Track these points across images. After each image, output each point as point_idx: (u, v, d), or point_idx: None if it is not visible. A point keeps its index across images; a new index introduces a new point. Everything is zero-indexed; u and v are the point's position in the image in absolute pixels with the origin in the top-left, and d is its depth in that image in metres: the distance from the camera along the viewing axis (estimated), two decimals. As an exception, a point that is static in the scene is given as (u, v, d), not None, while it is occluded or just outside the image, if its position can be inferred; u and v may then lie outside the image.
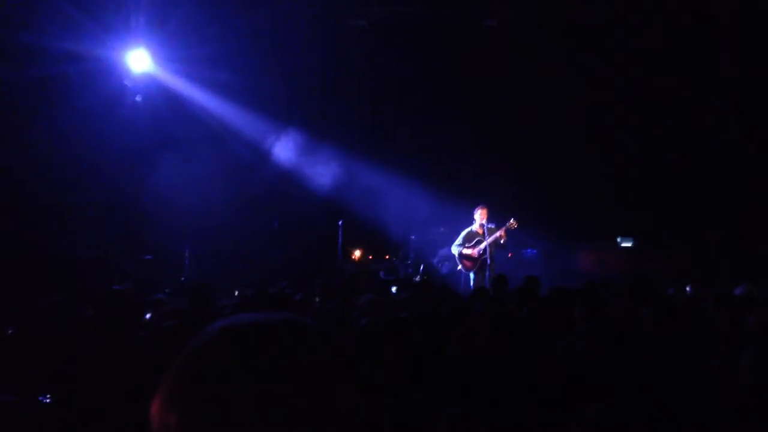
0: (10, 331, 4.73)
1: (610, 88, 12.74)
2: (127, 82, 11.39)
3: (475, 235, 10.62)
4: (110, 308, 4.94)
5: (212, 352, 0.80)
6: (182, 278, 11.31)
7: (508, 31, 12.70)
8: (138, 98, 11.57)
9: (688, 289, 7.50)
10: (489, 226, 10.52)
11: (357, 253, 12.98)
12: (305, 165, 12.98)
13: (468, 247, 10.59)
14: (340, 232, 12.41)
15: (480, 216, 10.62)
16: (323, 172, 12.88)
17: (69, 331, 4.52)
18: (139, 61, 11.38)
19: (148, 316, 5.55)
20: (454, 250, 10.78)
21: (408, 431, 3.12)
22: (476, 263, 10.54)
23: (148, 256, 10.94)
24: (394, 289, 7.70)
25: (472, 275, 10.61)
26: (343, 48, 12.68)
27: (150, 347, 4.08)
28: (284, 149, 12.83)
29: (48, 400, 3.29)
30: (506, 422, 3.01)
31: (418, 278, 11.88)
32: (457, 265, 10.84)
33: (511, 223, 10.45)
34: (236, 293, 8.52)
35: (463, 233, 10.74)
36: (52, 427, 3.07)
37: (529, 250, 12.97)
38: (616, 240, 12.90)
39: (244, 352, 0.78)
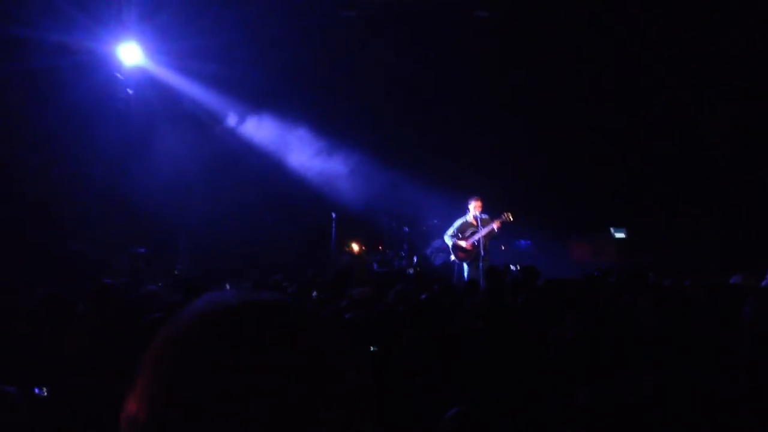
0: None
1: (602, 79, 12.74)
2: (118, 75, 11.34)
3: (469, 225, 10.61)
4: (103, 302, 4.93)
5: (183, 342, 0.74)
6: (175, 271, 11.29)
7: (500, 21, 12.66)
8: (129, 91, 11.54)
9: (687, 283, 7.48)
10: (483, 216, 10.51)
11: (354, 246, 12.96)
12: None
13: (462, 239, 10.58)
14: (333, 225, 12.40)
15: (474, 207, 10.59)
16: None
17: (62, 324, 4.51)
18: (130, 54, 11.35)
19: (141, 309, 5.51)
20: (447, 240, 10.77)
21: (401, 424, 3.11)
22: (470, 255, 10.54)
23: (142, 249, 10.91)
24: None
25: (465, 266, 10.61)
26: (333, 39, 12.63)
27: (143, 340, 4.07)
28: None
29: (44, 393, 3.28)
30: (502, 415, 3.01)
31: (411, 270, 11.88)
32: (451, 256, 10.84)
33: (507, 216, 10.42)
34: (227, 286, 8.45)
35: (457, 223, 10.73)
36: (47, 419, 3.06)
37: (522, 242, 13.00)
38: (609, 231, 12.92)
39: (214, 341, 0.72)
